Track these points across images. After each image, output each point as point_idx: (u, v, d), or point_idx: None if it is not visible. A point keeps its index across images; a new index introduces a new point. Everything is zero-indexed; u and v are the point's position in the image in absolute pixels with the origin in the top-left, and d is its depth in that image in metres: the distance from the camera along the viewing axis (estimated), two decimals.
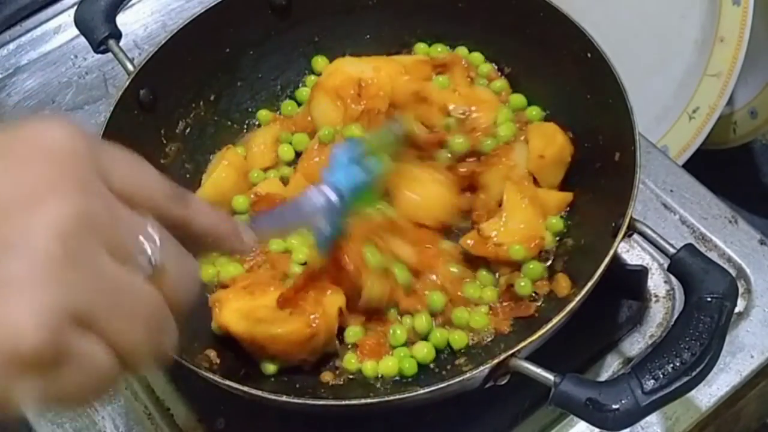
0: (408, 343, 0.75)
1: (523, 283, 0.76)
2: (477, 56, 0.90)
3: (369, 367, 0.74)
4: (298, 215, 0.66)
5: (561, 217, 0.80)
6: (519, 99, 0.87)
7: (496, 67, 0.90)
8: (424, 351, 0.74)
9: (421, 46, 0.92)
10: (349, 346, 0.76)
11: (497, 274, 0.78)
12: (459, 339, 0.75)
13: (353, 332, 0.75)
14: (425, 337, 0.75)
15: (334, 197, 0.65)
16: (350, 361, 0.75)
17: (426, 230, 0.79)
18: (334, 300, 0.74)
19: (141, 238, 0.39)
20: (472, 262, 0.79)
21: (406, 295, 0.76)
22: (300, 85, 0.93)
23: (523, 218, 0.78)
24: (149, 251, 0.39)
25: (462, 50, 0.90)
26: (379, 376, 0.74)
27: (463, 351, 0.75)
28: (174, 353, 0.41)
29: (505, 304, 0.76)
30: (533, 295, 0.76)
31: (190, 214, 0.43)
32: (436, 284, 0.77)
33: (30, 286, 0.34)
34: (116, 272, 0.37)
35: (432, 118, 0.83)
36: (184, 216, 0.43)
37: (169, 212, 0.42)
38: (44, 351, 0.34)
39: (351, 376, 0.74)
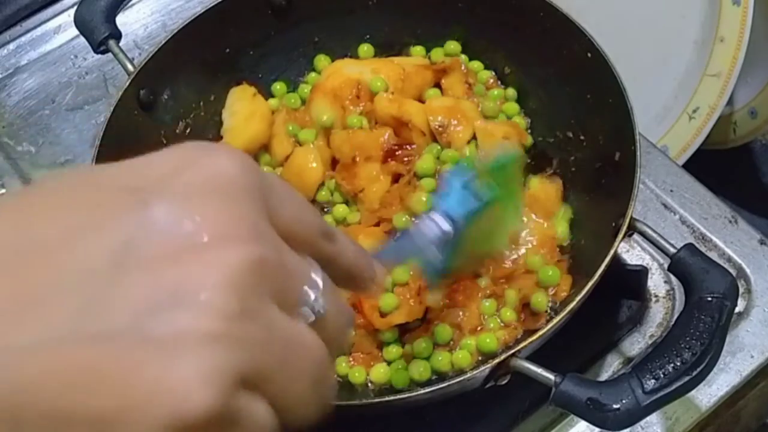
0: (405, 357, 0.74)
1: (540, 298, 0.74)
2: (477, 64, 0.90)
3: (357, 374, 0.73)
4: (412, 248, 0.60)
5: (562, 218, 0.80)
6: (511, 107, 0.87)
7: (495, 74, 0.89)
8: (420, 369, 0.72)
9: (417, 49, 0.91)
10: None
11: (520, 290, 0.75)
12: (463, 358, 0.72)
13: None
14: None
15: (447, 227, 0.59)
16: (340, 364, 0.74)
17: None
18: None
19: (306, 286, 0.35)
20: (497, 285, 0.76)
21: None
22: (301, 83, 0.92)
23: (528, 226, 0.77)
24: (312, 298, 0.36)
25: (462, 57, 0.90)
26: (369, 382, 0.73)
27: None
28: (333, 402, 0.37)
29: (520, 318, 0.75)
30: (550, 306, 0.74)
31: (337, 249, 0.40)
32: (452, 320, 0.74)
33: (199, 343, 0.30)
34: (285, 326, 0.33)
35: (414, 139, 0.82)
36: (333, 253, 0.39)
37: (322, 250, 0.38)
38: (210, 416, 0.30)
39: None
